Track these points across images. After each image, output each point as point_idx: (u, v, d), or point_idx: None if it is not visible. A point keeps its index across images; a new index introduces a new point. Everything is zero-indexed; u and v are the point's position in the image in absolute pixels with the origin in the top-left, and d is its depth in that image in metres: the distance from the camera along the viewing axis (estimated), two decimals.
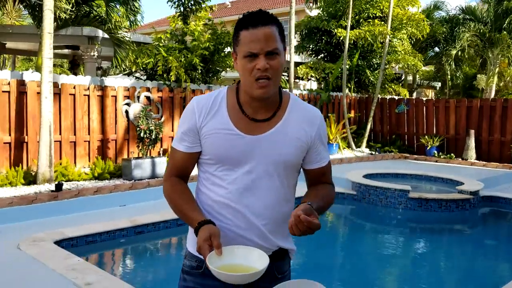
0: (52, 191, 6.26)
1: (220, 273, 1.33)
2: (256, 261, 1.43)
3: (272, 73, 1.48)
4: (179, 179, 1.64)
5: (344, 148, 12.05)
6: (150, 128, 7.73)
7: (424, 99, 13.40)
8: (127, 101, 8.72)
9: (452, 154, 11.67)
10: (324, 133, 1.67)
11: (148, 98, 9.03)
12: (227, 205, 1.56)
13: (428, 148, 11.99)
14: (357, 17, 13.40)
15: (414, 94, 20.10)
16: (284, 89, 1.69)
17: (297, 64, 14.88)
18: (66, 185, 6.68)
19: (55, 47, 12.32)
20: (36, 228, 5.14)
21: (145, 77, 10.11)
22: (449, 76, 17.92)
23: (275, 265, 1.64)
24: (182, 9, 10.06)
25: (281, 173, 1.59)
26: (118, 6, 9.98)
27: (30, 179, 6.80)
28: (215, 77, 10.47)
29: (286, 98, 1.63)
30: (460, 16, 17.39)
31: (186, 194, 1.60)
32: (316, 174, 1.69)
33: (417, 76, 20.36)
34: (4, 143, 7.22)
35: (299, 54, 15.16)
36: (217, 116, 1.56)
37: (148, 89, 9.07)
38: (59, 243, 4.68)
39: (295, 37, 13.40)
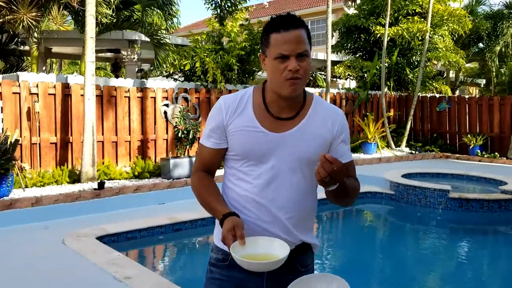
0: (95, 189, 6.51)
1: (242, 261, 1.40)
2: (277, 250, 1.48)
3: (302, 73, 1.54)
4: (206, 174, 1.71)
5: (383, 147, 11.87)
6: (188, 128, 7.89)
7: (467, 96, 13.01)
8: (165, 102, 8.93)
9: (496, 153, 11.28)
10: (346, 132, 1.70)
11: (185, 99, 9.22)
12: (252, 199, 1.62)
13: (470, 147, 11.63)
14: (396, 14, 13.15)
15: (457, 92, 19.51)
16: (321, 88, 1.74)
17: (334, 63, 14.77)
18: (108, 184, 6.92)
19: (98, 51, 12.76)
20: (79, 224, 5.38)
21: (182, 78, 10.31)
22: (494, 73, 17.29)
23: (299, 259, 1.69)
24: (218, 11, 10.20)
25: (304, 169, 1.63)
26: (156, 11, 10.24)
27: (75, 177, 7.09)
28: (251, 78, 10.56)
29: (310, 98, 1.69)
30: (504, 11, 16.75)
31: (212, 188, 1.67)
32: None
33: (460, 73, 19.75)
34: (51, 143, 7.56)
35: (337, 53, 15.04)
36: (243, 114, 1.63)
37: (185, 90, 9.26)
38: (101, 238, 4.88)
39: (333, 36, 13.32)
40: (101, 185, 6.52)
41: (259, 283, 1.64)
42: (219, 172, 1.83)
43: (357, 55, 14.39)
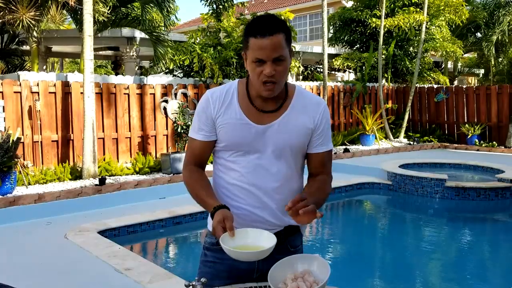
0: (96, 185, 6.63)
1: (231, 251, 1.50)
2: (264, 241, 1.58)
3: (277, 77, 1.64)
4: (196, 167, 1.81)
5: (382, 139, 11.95)
6: (187, 123, 7.99)
7: (464, 86, 13.06)
8: (165, 98, 9.03)
9: (494, 142, 11.35)
10: (327, 120, 1.80)
11: (184, 94, 9.32)
12: (241, 186, 1.73)
13: (469, 136, 11.70)
14: (391, 5, 13.19)
15: (456, 82, 19.53)
16: (318, 82, 1.83)
17: (332, 56, 14.82)
18: (109, 180, 7.03)
19: (98, 49, 12.87)
20: (81, 219, 5.50)
21: (181, 74, 10.40)
22: (492, 62, 17.31)
23: (288, 240, 1.80)
24: (214, 6, 10.27)
25: (288, 157, 1.74)
26: (155, 8, 10.33)
27: (76, 174, 7.21)
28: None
29: (292, 90, 1.79)
30: (501, 0, 16.74)
31: (203, 180, 1.77)
32: (318, 160, 1.80)
33: (459, 63, 19.76)
34: (52, 141, 7.67)
35: (334, 46, 15.08)
36: (230, 107, 1.73)
37: (184, 86, 9.36)
38: (102, 233, 5.00)
39: (329, 30, 13.36)
40: (102, 181, 6.63)
41: (251, 264, 1.74)
42: (210, 167, 1.92)
43: (354, 48, 14.44)
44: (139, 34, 11.25)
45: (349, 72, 16.80)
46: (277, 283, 1.51)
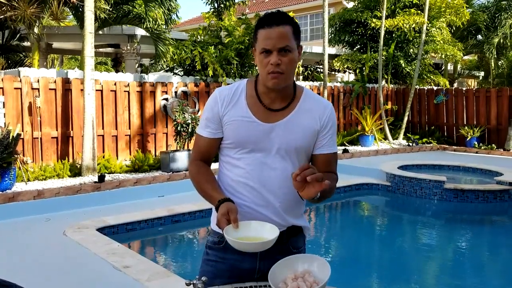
0: (95, 182, 6.63)
1: (234, 241, 1.51)
2: (267, 233, 1.60)
3: (283, 68, 1.65)
4: (203, 163, 1.83)
5: (381, 140, 11.96)
6: (187, 121, 7.99)
7: (464, 88, 13.07)
8: (165, 96, 9.03)
9: (493, 145, 11.37)
10: (333, 123, 1.80)
11: (185, 93, 9.32)
12: (245, 184, 1.74)
13: (468, 139, 11.71)
14: (392, 7, 13.18)
15: (455, 84, 19.55)
16: (318, 82, 1.82)
17: (333, 56, 14.82)
18: (108, 177, 7.03)
19: (98, 46, 12.85)
20: (80, 216, 5.50)
21: (182, 72, 10.40)
22: (492, 65, 17.31)
23: (290, 241, 1.81)
24: (216, 5, 10.27)
25: (294, 157, 1.75)
26: (156, 5, 10.33)
27: (76, 171, 7.21)
28: (250, 71, 10.64)
29: (300, 91, 1.80)
30: (503, 2, 16.73)
31: (209, 175, 1.78)
32: (322, 161, 1.81)
33: (459, 65, 19.77)
34: (52, 137, 7.67)
35: (334, 47, 15.08)
36: (238, 105, 1.74)
37: (185, 85, 9.36)
38: (101, 230, 5.00)
39: (329, 30, 13.37)
40: (101, 178, 6.63)
41: (253, 264, 1.75)
42: (215, 165, 1.93)
43: (355, 49, 14.44)
44: (140, 32, 11.24)
45: (349, 73, 16.80)
46: (277, 282, 1.51)
